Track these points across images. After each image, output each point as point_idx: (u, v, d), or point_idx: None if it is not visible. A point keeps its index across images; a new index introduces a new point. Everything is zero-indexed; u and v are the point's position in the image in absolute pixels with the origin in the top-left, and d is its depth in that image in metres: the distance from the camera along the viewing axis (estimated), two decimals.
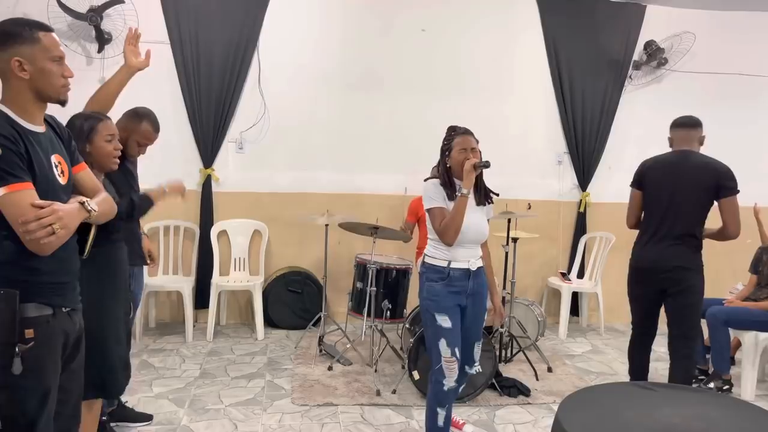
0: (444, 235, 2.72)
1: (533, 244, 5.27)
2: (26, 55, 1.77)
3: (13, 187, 1.69)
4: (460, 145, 2.79)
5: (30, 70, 1.78)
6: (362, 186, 5.25)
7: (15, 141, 1.72)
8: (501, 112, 5.36)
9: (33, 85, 1.80)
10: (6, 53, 1.76)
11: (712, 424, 1.61)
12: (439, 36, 5.27)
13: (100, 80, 4.80)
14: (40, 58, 1.80)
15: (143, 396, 3.64)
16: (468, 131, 2.84)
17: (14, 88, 1.79)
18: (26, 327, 1.75)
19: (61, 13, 4.57)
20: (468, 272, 2.78)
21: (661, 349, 4.96)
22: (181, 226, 5.04)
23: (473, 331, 2.89)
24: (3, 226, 1.72)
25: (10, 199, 1.69)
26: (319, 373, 4.10)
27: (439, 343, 2.75)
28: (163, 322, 5.13)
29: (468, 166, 2.69)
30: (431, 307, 2.77)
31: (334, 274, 5.02)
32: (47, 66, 1.81)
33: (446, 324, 2.73)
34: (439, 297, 2.75)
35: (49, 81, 1.82)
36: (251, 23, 4.96)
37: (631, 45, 5.47)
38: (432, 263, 2.81)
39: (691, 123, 3.46)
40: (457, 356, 2.75)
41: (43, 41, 1.80)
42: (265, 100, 5.06)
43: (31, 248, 1.73)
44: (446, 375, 2.76)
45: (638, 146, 5.59)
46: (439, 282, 2.76)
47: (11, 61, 1.76)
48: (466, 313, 2.83)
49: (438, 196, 2.77)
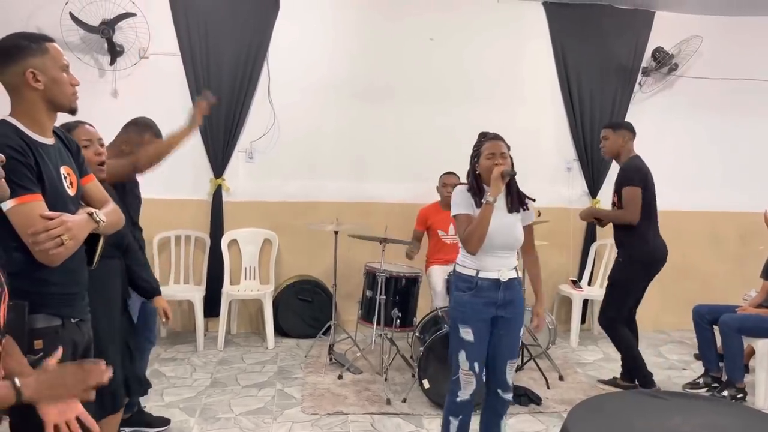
0: (467, 243, 2.67)
1: (543, 251, 5.18)
2: (38, 66, 1.80)
3: (23, 198, 1.71)
4: (488, 150, 2.73)
5: (43, 80, 1.80)
6: (371, 194, 5.26)
7: (25, 153, 1.74)
8: (509, 120, 5.34)
9: (46, 95, 1.83)
10: (19, 66, 1.78)
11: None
12: (447, 45, 5.29)
13: (111, 92, 4.88)
14: (51, 68, 1.83)
15: (155, 405, 3.66)
16: (498, 136, 2.79)
17: (27, 100, 1.82)
18: (35, 337, 1.77)
19: (74, 27, 4.63)
20: (498, 283, 2.68)
21: (673, 356, 4.93)
22: (192, 236, 5.08)
23: (504, 346, 2.75)
24: (12, 237, 1.74)
25: (20, 210, 1.71)
26: (329, 381, 4.10)
27: (459, 355, 2.71)
28: (175, 331, 5.15)
29: (496, 173, 2.63)
30: (456, 317, 2.73)
31: (344, 282, 5.02)
32: (58, 75, 1.84)
33: (468, 337, 2.68)
34: (465, 308, 2.69)
35: (61, 89, 1.85)
36: (260, 34, 5.00)
37: (640, 51, 5.45)
38: (461, 272, 2.76)
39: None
40: (475, 371, 2.69)
41: (50, 51, 1.84)
42: (275, 110, 5.09)
43: (40, 259, 1.75)
44: (461, 387, 2.72)
45: (648, 152, 5.55)
46: (467, 292, 2.69)
47: (25, 73, 1.78)
48: (497, 325, 2.72)
49: (464, 202, 2.73)
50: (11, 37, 1.83)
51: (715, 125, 5.62)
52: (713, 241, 5.68)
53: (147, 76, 4.91)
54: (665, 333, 5.55)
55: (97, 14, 4.67)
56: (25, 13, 4.67)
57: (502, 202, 2.73)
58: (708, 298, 4.63)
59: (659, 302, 5.68)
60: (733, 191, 5.65)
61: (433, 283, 4.44)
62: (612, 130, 3.99)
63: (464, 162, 3.70)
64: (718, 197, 5.64)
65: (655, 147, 5.57)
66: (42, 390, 1.38)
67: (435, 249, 4.66)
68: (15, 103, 1.83)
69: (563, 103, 5.46)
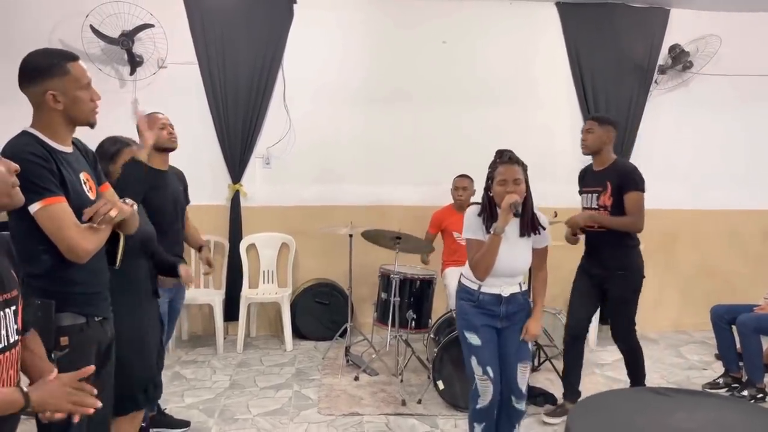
0: (474, 271, 2.68)
1: (560, 252, 5.22)
2: (59, 88, 1.87)
3: (48, 200, 1.80)
4: (501, 175, 2.65)
5: (63, 100, 1.88)
6: (386, 198, 5.30)
7: (47, 159, 1.84)
8: (524, 121, 5.36)
9: (66, 114, 1.91)
10: (40, 87, 1.86)
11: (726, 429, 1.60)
12: (460, 47, 5.31)
13: (132, 102, 4.99)
14: (72, 89, 1.90)
15: (175, 406, 3.74)
16: (513, 159, 2.69)
17: (48, 116, 1.90)
18: (61, 335, 1.86)
19: (95, 39, 4.76)
20: (499, 298, 2.72)
21: (693, 357, 4.88)
22: (211, 240, 5.17)
23: (511, 347, 2.77)
24: (39, 240, 1.83)
25: (46, 212, 1.80)
26: (345, 383, 4.15)
27: (471, 361, 2.73)
28: (196, 334, 5.25)
29: (506, 204, 2.57)
30: (462, 325, 2.78)
31: (360, 285, 5.07)
32: (78, 95, 1.92)
33: (475, 342, 2.71)
34: (469, 315, 2.74)
35: (80, 108, 1.93)
36: (275, 42, 5.09)
37: (656, 49, 5.41)
38: (464, 283, 2.80)
39: None
40: (489, 375, 2.70)
41: (72, 72, 1.91)
42: (290, 116, 5.17)
43: (69, 256, 1.84)
44: (480, 394, 2.73)
45: (665, 151, 5.54)
46: (469, 303, 2.75)
47: (46, 94, 1.86)
48: (501, 336, 2.76)
49: (475, 226, 2.70)
50: (34, 57, 1.90)
51: (733, 122, 5.54)
52: (734, 240, 5.60)
53: (166, 85, 5.02)
54: (686, 333, 5.49)
55: (117, 26, 4.80)
56: (48, 27, 4.81)
57: (514, 226, 2.69)
58: (730, 298, 4.57)
59: (680, 303, 5.63)
60: (753, 189, 5.56)
61: (449, 284, 4.45)
62: (598, 123, 3.61)
63: (478, 165, 3.72)
64: (738, 195, 5.56)
65: (673, 145, 5.54)
66: (46, 399, 1.47)
67: (450, 250, 4.68)
68: (37, 116, 1.92)
69: (578, 103, 5.44)
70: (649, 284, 5.50)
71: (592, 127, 3.60)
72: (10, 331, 1.51)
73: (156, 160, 3.09)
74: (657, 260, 5.53)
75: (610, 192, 3.52)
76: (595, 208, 3.62)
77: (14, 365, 1.54)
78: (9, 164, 1.55)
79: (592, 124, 3.61)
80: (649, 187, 5.46)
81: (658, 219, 5.52)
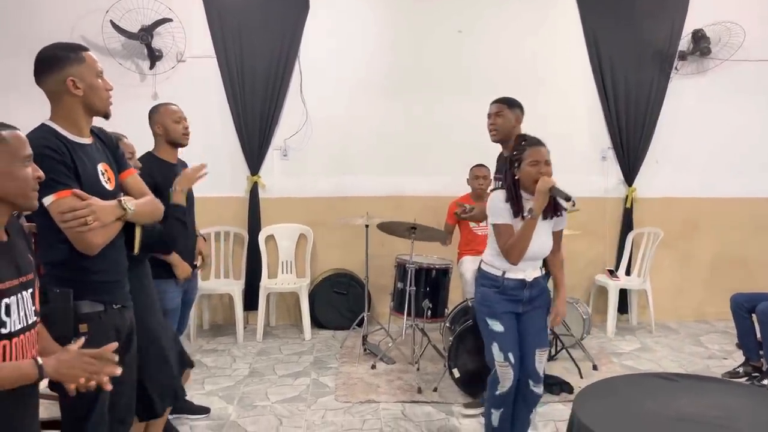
0: (508, 256, 2.65)
1: (578, 241, 5.19)
2: (77, 74, 1.95)
3: (61, 194, 1.86)
4: (532, 157, 2.62)
5: (82, 86, 1.95)
6: (402, 188, 5.33)
7: (61, 152, 1.90)
8: (542, 110, 5.27)
9: (85, 100, 1.98)
10: (59, 75, 1.94)
11: (730, 412, 1.60)
12: (476, 36, 5.29)
13: (152, 95, 5.07)
14: (88, 75, 1.98)
15: (196, 393, 3.83)
16: (540, 142, 2.68)
17: (67, 105, 1.96)
18: (80, 322, 1.92)
19: (115, 34, 4.85)
20: (524, 282, 2.72)
21: (714, 346, 4.83)
22: (230, 232, 5.25)
23: (531, 334, 2.77)
24: (59, 230, 1.89)
25: (59, 204, 1.86)
26: (362, 371, 4.20)
27: (493, 348, 2.73)
28: (216, 323, 5.34)
29: (543, 185, 2.53)
30: (483, 312, 2.76)
31: (378, 275, 5.11)
32: (95, 81, 1.99)
33: (498, 328, 2.71)
34: (492, 302, 2.72)
35: (98, 95, 2.01)
36: (291, 34, 5.12)
37: (676, 34, 5.32)
38: (486, 270, 2.77)
39: None
40: (510, 361, 2.71)
41: (87, 60, 1.99)
42: (307, 108, 5.21)
43: (79, 248, 1.90)
44: (500, 380, 2.74)
45: (687, 138, 5.46)
46: (492, 289, 2.73)
47: (66, 81, 1.93)
48: (521, 321, 2.76)
49: (505, 211, 2.66)
50: (51, 49, 1.98)
51: (754, 108, 5.44)
52: (756, 228, 5.51)
53: (185, 79, 5.10)
54: (708, 323, 5.43)
55: (136, 21, 4.88)
56: (69, 24, 4.91)
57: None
58: (751, 287, 4.50)
59: (701, 292, 5.57)
60: None
61: (465, 273, 4.47)
62: (507, 106, 3.37)
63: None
64: (759, 183, 5.46)
65: (693, 133, 5.46)
66: (61, 369, 1.53)
67: (467, 240, 4.68)
68: (55, 108, 1.99)
69: (597, 91, 5.38)
70: (668, 273, 5.52)
71: (501, 110, 3.38)
72: (29, 313, 1.59)
73: (168, 154, 3.15)
74: (677, 249, 5.48)
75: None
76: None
77: (34, 345, 1.61)
78: (37, 171, 1.62)
79: (501, 107, 3.38)
80: (669, 175, 5.50)
81: (678, 207, 5.48)
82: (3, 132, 1.55)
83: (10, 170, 1.54)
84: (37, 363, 1.50)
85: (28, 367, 1.50)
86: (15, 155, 1.56)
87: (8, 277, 1.52)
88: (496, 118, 3.38)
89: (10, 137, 1.56)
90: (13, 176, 1.55)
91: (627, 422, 1.57)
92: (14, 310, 1.53)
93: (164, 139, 3.13)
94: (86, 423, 1.94)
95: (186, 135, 3.18)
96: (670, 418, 1.58)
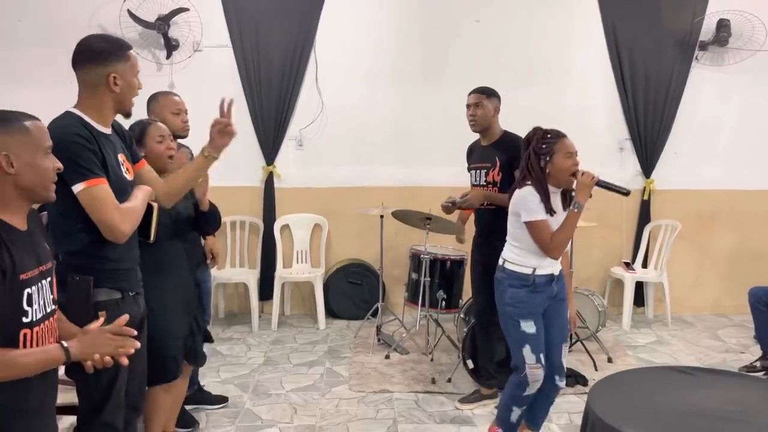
0: (552, 252, 2.62)
1: (594, 233, 5.16)
2: (120, 72, 1.98)
3: (91, 182, 1.89)
4: (566, 149, 2.59)
5: (121, 84, 1.98)
6: (419, 179, 5.31)
7: (90, 141, 1.92)
8: (559, 100, 5.27)
9: (119, 97, 2.01)
10: (104, 69, 1.96)
11: (748, 407, 1.58)
12: (493, 26, 5.25)
13: (168, 85, 5.09)
14: (129, 75, 2.01)
15: (212, 381, 3.87)
16: (565, 134, 2.66)
17: (100, 98, 1.99)
18: (99, 309, 1.95)
19: (132, 23, 4.87)
20: (552, 277, 2.71)
21: (731, 340, 4.78)
22: (246, 221, 5.28)
23: (556, 329, 2.77)
24: (78, 219, 1.92)
25: (89, 193, 1.89)
26: (376, 361, 4.22)
27: (524, 350, 2.68)
28: (232, 312, 5.39)
29: (588, 180, 2.54)
30: (515, 313, 2.69)
31: (392, 265, 5.11)
32: (133, 81, 2.03)
33: (531, 330, 2.67)
34: (524, 303, 2.68)
35: (131, 95, 2.05)
36: (308, 23, 5.11)
37: (698, 24, 5.23)
38: (515, 270, 2.71)
39: None
40: (542, 363, 2.68)
41: (131, 59, 2.02)
42: (323, 98, 5.21)
43: (107, 235, 1.93)
44: (530, 383, 2.70)
45: (706, 130, 5.38)
46: (523, 289, 2.68)
47: (109, 76, 1.96)
48: (546, 315, 2.74)
49: (540, 208, 2.61)
50: (99, 40, 2.01)
51: None
52: None
53: (201, 69, 5.12)
54: (725, 317, 5.37)
55: (153, 11, 4.90)
56: (88, 13, 4.94)
57: (560, 201, 2.68)
58: None
59: (718, 285, 5.51)
60: None
61: None
62: (486, 96, 3.39)
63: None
64: None
65: (713, 124, 5.38)
66: (85, 349, 1.57)
67: None
68: (86, 97, 2.00)
69: (615, 81, 5.31)
70: (685, 266, 5.46)
71: (480, 101, 3.40)
72: (48, 301, 1.61)
73: None
74: (694, 241, 5.42)
75: (498, 168, 3.37)
76: (483, 185, 3.46)
77: (54, 333, 1.64)
78: (56, 162, 1.64)
79: (480, 98, 3.40)
80: (688, 167, 5.42)
81: (696, 199, 5.41)
82: (26, 122, 1.56)
83: (34, 162, 1.55)
84: (62, 346, 1.54)
85: (54, 350, 1.53)
86: (38, 146, 1.57)
87: (30, 267, 1.54)
88: (475, 108, 3.42)
89: (33, 128, 1.57)
90: (35, 167, 1.56)
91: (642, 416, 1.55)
92: (36, 299, 1.55)
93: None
94: (103, 409, 1.97)
95: (186, 128, 3.16)
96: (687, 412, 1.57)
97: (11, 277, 1.47)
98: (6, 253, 1.46)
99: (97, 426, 1.97)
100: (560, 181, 2.63)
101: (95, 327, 1.65)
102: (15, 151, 1.51)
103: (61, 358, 1.54)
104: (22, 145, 1.53)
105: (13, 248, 1.49)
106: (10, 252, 1.48)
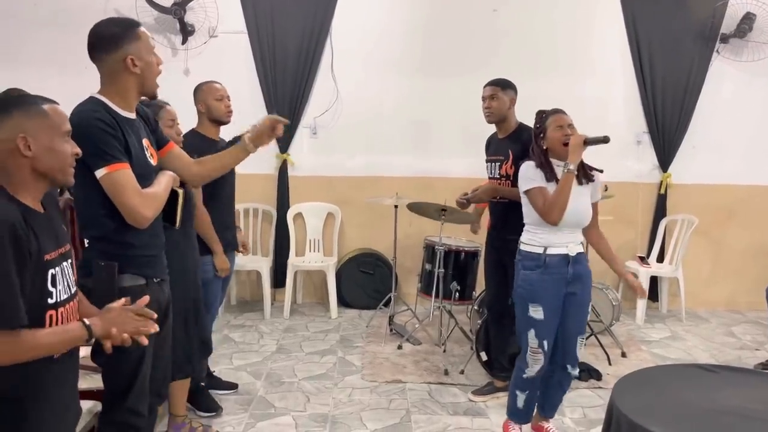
0: (549, 215, 2.61)
1: (609, 227, 5.08)
2: (135, 52, 1.95)
3: (114, 167, 1.88)
4: (555, 123, 2.68)
5: (140, 64, 1.96)
6: (433, 169, 5.28)
7: (113, 126, 1.91)
8: (577, 92, 5.20)
9: (141, 78, 1.98)
10: (119, 53, 1.93)
11: None
12: (511, 16, 5.18)
13: (184, 71, 5.08)
14: (144, 53, 1.98)
15: (224, 368, 3.88)
16: (560, 110, 2.74)
17: (123, 83, 1.97)
18: (124, 295, 1.95)
19: (148, 8, 4.85)
20: (567, 258, 2.67)
21: (746, 337, 4.74)
22: (259, 209, 5.28)
23: (574, 323, 2.75)
24: (101, 204, 1.91)
25: (111, 178, 1.88)
26: (389, 351, 4.21)
27: (528, 333, 2.70)
28: (244, 299, 5.40)
29: (576, 141, 2.58)
30: (525, 295, 2.70)
31: (405, 256, 5.10)
32: (150, 58, 2.00)
33: (538, 315, 2.66)
34: (534, 286, 2.67)
35: (153, 73, 2.01)
36: (323, 11, 5.07)
37: (719, 17, 5.15)
38: (527, 250, 2.72)
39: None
40: (544, 349, 2.69)
41: (142, 36, 1.98)
42: (338, 86, 5.18)
43: (130, 221, 1.92)
44: (529, 365, 2.73)
45: (724, 125, 5.31)
46: (536, 270, 2.67)
47: (126, 59, 1.93)
48: (566, 302, 2.71)
49: (536, 176, 2.67)
50: (107, 26, 1.97)
51: None
52: None
53: (216, 55, 5.10)
54: (740, 313, 5.32)
55: None
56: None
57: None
58: None
59: (733, 281, 5.45)
60: None
61: None
62: (501, 88, 3.37)
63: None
64: None
65: (732, 118, 5.30)
66: (107, 327, 1.58)
67: None
68: (109, 84, 1.98)
69: (634, 73, 5.25)
70: (700, 261, 5.41)
71: (495, 93, 3.37)
72: (70, 283, 1.61)
73: (210, 131, 3.21)
74: (710, 236, 5.36)
75: (512, 161, 3.30)
76: (497, 177, 3.43)
77: (75, 314, 1.64)
78: (75, 147, 1.62)
79: (495, 90, 3.38)
80: (706, 161, 5.36)
81: (713, 194, 5.35)
82: (44, 106, 1.55)
83: (52, 145, 1.54)
84: (84, 324, 1.54)
85: (77, 329, 1.54)
86: (56, 130, 1.56)
87: (51, 248, 1.54)
88: (490, 101, 3.40)
89: (52, 112, 1.56)
90: (54, 151, 1.55)
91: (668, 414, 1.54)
92: (59, 280, 1.55)
93: (207, 116, 3.22)
94: (128, 395, 1.97)
95: (229, 113, 3.23)
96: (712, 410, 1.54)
97: (36, 258, 1.47)
98: (32, 234, 1.46)
99: (121, 411, 1.98)
100: (558, 153, 2.68)
101: (117, 305, 1.65)
102: (33, 134, 1.50)
103: (84, 336, 1.54)
104: (41, 128, 1.52)
105: (37, 230, 1.49)
106: (36, 233, 1.47)
